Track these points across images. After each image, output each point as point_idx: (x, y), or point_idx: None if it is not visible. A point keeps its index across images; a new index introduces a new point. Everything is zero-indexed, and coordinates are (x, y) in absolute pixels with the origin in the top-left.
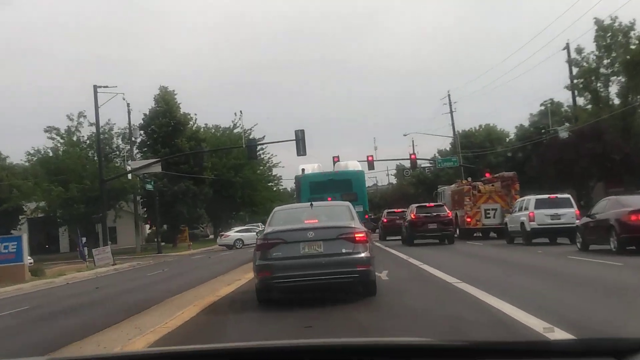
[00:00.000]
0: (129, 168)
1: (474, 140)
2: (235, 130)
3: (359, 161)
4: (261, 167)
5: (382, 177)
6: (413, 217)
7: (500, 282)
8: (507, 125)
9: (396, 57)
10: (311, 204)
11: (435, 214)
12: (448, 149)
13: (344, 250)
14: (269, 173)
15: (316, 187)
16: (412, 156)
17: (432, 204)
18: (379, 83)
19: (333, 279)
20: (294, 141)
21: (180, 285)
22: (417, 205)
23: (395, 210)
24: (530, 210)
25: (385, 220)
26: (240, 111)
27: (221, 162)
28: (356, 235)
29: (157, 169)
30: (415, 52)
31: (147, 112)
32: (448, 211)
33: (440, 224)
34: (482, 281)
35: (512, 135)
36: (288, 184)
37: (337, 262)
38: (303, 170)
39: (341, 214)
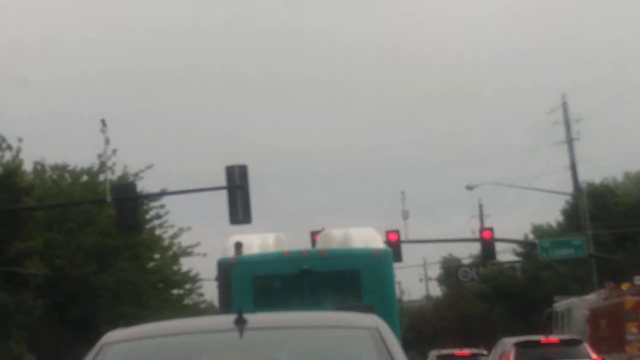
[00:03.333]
0: None
1: (613, 205)
2: (104, 177)
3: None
4: (157, 256)
5: (411, 279)
6: None
7: None
8: None
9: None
10: (238, 320)
11: None
12: (556, 223)
13: None
14: (175, 268)
15: (269, 287)
16: (486, 234)
17: (552, 339)
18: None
19: None
20: (224, 191)
21: None
22: (517, 341)
23: (457, 353)
24: None
25: None
26: (102, 121)
27: (70, 242)
28: None
29: None
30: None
31: None
32: (592, 354)
33: None
34: None
35: None
36: (214, 290)
37: None
38: (238, 246)
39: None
